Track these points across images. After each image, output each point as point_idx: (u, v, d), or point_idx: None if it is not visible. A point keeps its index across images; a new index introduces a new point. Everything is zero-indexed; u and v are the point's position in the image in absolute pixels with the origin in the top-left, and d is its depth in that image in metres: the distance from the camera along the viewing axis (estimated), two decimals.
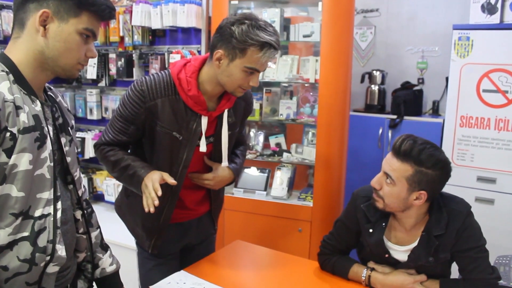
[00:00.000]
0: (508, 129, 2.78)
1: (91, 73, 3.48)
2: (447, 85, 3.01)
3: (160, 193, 1.51)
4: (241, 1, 2.90)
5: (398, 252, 1.68)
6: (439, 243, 1.59)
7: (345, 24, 2.72)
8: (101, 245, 1.48)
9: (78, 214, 1.33)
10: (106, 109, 3.57)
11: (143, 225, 1.81)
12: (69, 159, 1.26)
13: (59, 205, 1.18)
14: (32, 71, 1.14)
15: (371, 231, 1.69)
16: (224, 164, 1.79)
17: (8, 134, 1.05)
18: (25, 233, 1.12)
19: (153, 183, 1.54)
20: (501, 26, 2.76)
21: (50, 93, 1.27)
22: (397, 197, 1.56)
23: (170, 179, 1.57)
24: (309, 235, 2.76)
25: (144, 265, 1.88)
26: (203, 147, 1.71)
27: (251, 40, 1.51)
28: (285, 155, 2.95)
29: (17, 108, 1.07)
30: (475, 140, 2.89)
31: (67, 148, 1.26)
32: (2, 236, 1.09)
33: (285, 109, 2.97)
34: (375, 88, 3.62)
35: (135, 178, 1.63)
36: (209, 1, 3.06)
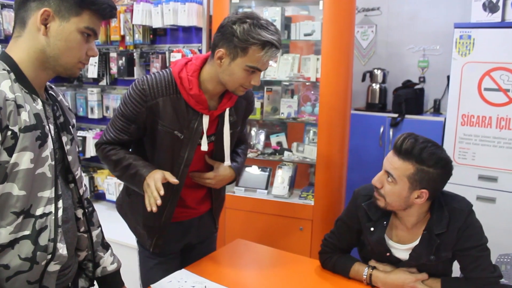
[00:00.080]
0: (509, 128, 2.77)
1: (92, 72, 3.48)
2: (448, 84, 3.01)
3: (162, 192, 1.51)
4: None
5: (399, 250, 1.68)
6: (440, 242, 1.58)
7: (346, 22, 2.72)
8: (102, 244, 1.49)
9: (79, 212, 1.34)
10: (107, 108, 3.57)
11: (144, 224, 1.81)
12: (70, 158, 1.26)
13: (60, 203, 1.18)
14: (33, 70, 1.14)
15: (372, 229, 1.69)
16: (226, 163, 1.79)
17: (9, 132, 1.05)
18: (26, 232, 1.12)
19: (156, 183, 1.54)
20: (502, 24, 2.76)
21: (51, 92, 1.27)
22: (399, 195, 1.56)
23: (172, 178, 1.57)
24: (310, 234, 2.76)
25: (145, 263, 1.88)
26: (205, 146, 1.70)
27: (252, 39, 1.51)
28: (286, 153, 2.95)
29: (18, 106, 1.07)
30: (476, 138, 2.89)
31: (68, 147, 1.26)
32: (3, 234, 1.09)
33: (286, 107, 2.96)
34: (376, 86, 3.62)
35: (137, 177, 1.63)
36: (210, 0, 3.05)
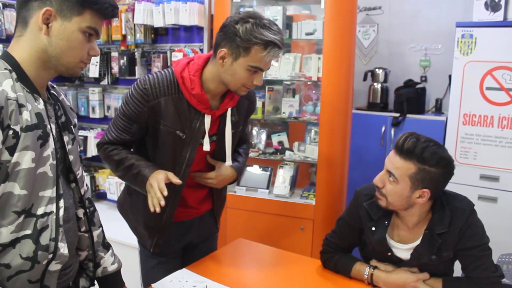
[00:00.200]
0: (511, 127, 2.77)
1: (94, 71, 3.48)
2: (450, 83, 3.00)
3: (166, 193, 1.51)
4: None
5: (400, 250, 1.67)
6: (442, 241, 1.58)
7: (347, 22, 2.71)
8: (103, 244, 1.49)
9: (80, 212, 1.34)
10: (108, 107, 3.57)
11: (145, 224, 1.81)
12: (71, 158, 1.26)
13: (61, 203, 1.18)
14: (35, 69, 1.14)
15: (373, 229, 1.68)
16: (227, 163, 1.78)
17: (11, 132, 1.05)
18: (28, 231, 1.12)
19: (159, 183, 1.54)
20: (504, 23, 2.75)
21: (53, 92, 1.27)
22: (400, 195, 1.56)
23: (175, 179, 1.56)
24: (311, 233, 2.76)
25: (146, 263, 1.88)
26: (207, 146, 1.70)
27: (255, 39, 1.51)
28: (287, 153, 2.95)
29: (20, 106, 1.07)
30: (478, 138, 2.88)
31: (69, 146, 1.26)
32: (4, 234, 1.09)
33: (288, 107, 2.96)
34: (378, 86, 3.62)
35: (139, 177, 1.63)
36: None
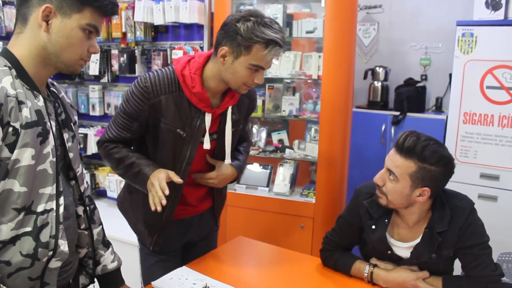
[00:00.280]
0: (511, 126, 2.77)
1: (94, 69, 3.48)
2: (451, 82, 3.00)
3: (167, 192, 1.51)
4: None
5: (400, 248, 1.67)
6: (442, 240, 1.58)
7: (348, 20, 2.71)
8: (103, 242, 1.49)
9: (80, 210, 1.34)
10: (108, 105, 3.57)
11: (145, 222, 1.80)
12: (71, 155, 1.26)
13: (61, 200, 1.18)
14: (34, 66, 1.14)
15: (373, 227, 1.68)
16: (226, 161, 1.78)
17: (10, 129, 1.05)
18: (28, 228, 1.12)
19: (160, 182, 1.53)
20: (505, 22, 2.75)
21: (53, 89, 1.27)
22: (400, 193, 1.56)
23: (176, 178, 1.56)
24: (311, 232, 2.76)
25: (146, 261, 1.88)
26: (207, 144, 1.70)
27: (256, 37, 1.50)
28: (287, 151, 2.95)
29: (20, 103, 1.07)
30: (478, 137, 2.88)
31: (69, 143, 1.26)
32: (4, 231, 1.09)
33: (288, 105, 2.96)
34: (378, 84, 3.61)
35: (140, 176, 1.62)
36: None
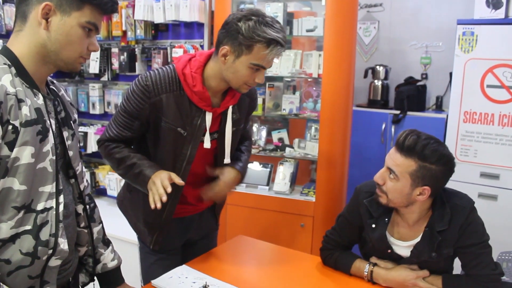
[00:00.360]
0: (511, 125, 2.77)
1: (94, 67, 3.48)
2: (451, 81, 2.99)
3: (169, 190, 1.51)
4: None
5: (400, 247, 1.67)
6: (442, 239, 1.58)
7: (348, 18, 2.71)
8: (103, 240, 1.49)
9: (79, 208, 1.34)
10: (108, 103, 3.57)
11: (145, 221, 1.80)
12: (71, 153, 1.26)
13: (61, 198, 1.18)
14: (34, 64, 1.14)
15: (373, 226, 1.68)
16: (226, 161, 1.78)
17: (10, 127, 1.05)
18: (28, 227, 1.12)
19: (162, 181, 1.54)
20: (506, 21, 2.74)
21: (52, 87, 1.26)
22: (401, 192, 1.56)
23: (177, 179, 1.56)
24: (311, 230, 2.76)
25: (146, 259, 1.88)
26: (207, 144, 1.69)
27: (258, 36, 1.49)
28: (287, 150, 2.94)
29: (19, 101, 1.07)
30: (478, 136, 2.88)
31: (69, 142, 1.26)
32: (4, 229, 1.09)
33: (288, 104, 2.96)
34: (378, 83, 3.61)
35: (141, 177, 1.62)
36: None
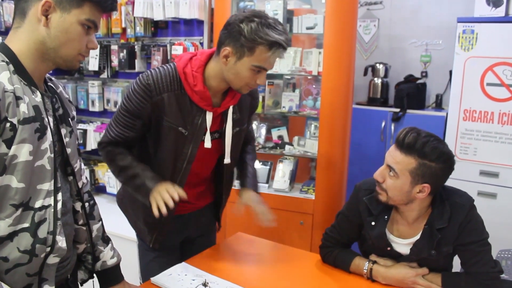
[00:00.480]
0: (511, 123, 2.76)
1: (93, 64, 3.47)
2: (451, 79, 2.99)
3: (176, 197, 1.53)
4: None
5: (400, 245, 1.67)
6: (441, 237, 1.58)
7: (348, 16, 2.70)
8: (102, 238, 1.49)
9: (77, 205, 1.34)
10: (108, 101, 3.57)
11: (145, 220, 1.80)
12: (69, 151, 1.26)
13: (59, 196, 1.18)
14: (32, 61, 1.13)
15: (373, 224, 1.68)
16: (226, 160, 1.77)
17: (8, 124, 1.04)
18: (26, 224, 1.12)
19: (168, 189, 1.55)
20: (506, 19, 2.73)
21: (50, 84, 1.26)
22: (400, 190, 1.56)
23: (181, 191, 1.57)
24: (310, 228, 2.75)
25: (144, 257, 1.88)
26: (208, 143, 1.69)
27: (260, 39, 1.48)
28: (287, 147, 2.94)
29: (17, 98, 1.07)
30: (478, 134, 2.87)
31: (67, 139, 1.25)
32: (2, 227, 1.09)
33: (288, 101, 2.95)
34: (378, 81, 3.61)
35: (143, 188, 1.63)
36: None
